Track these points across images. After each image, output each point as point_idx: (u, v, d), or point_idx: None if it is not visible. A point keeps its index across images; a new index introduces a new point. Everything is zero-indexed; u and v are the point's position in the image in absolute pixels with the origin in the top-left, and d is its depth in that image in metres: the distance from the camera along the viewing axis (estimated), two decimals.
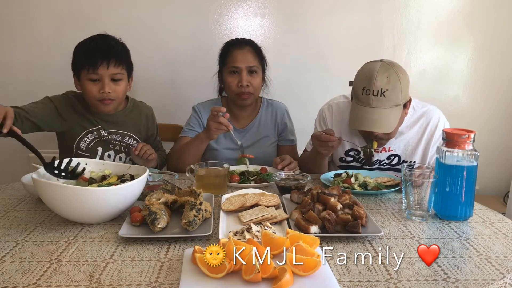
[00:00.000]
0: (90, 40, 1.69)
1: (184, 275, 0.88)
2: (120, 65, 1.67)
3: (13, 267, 0.94)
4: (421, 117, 1.70)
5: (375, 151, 1.69)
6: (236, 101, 1.88)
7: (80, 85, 1.70)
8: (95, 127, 1.77)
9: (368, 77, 1.53)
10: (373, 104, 1.51)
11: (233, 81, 1.82)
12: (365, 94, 1.52)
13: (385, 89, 1.50)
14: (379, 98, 1.50)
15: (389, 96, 1.50)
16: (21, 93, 2.35)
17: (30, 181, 1.27)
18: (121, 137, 1.81)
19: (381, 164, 1.75)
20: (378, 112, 1.51)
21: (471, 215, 1.25)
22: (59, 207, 1.15)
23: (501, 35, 2.48)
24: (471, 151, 1.21)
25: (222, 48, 1.91)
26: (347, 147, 1.77)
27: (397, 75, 1.52)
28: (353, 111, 1.59)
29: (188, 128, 1.91)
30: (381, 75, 1.51)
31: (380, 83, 1.50)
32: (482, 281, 0.90)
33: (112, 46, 1.67)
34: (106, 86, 1.65)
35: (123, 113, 1.83)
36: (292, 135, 1.99)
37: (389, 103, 1.51)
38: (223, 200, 1.31)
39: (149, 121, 1.93)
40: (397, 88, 1.51)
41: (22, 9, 2.31)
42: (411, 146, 1.70)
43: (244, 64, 1.80)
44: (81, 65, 1.64)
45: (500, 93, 2.56)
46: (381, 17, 2.41)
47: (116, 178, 1.32)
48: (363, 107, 1.54)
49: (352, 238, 1.09)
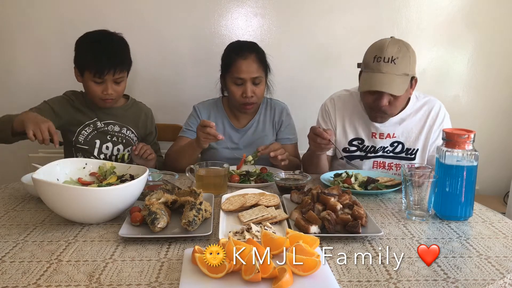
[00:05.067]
0: (97, 42, 1.72)
1: (184, 275, 0.88)
2: (123, 70, 1.74)
3: (13, 267, 0.94)
4: (424, 105, 1.74)
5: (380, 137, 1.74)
6: (239, 109, 1.89)
7: (83, 82, 1.76)
8: (91, 120, 1.83)
9: (380, 47, 1.59)
10: (383, 70, 1.56)
11: (237, 91, 1.81)
12: (376, 61, 1.57)
13: (396, 57, 1.55)
14: (389, 64, 1.55)
15: (399, 64, 1.55)
16: (24, 92, 2.37)
17: (30, 181, 1.27)
18: (119, 128, 1.87)
19: (385, 151, 1.75)
20: (388, 76, 1.55)
21: (471, 215, 1.25)
22: (59, 207, 1.15)
23: (501, 35, 2.48)
24: (471, 151, 1.21)
25: (226, 54, 1.87)
26: (350, 136, 1.78)
27: (407, 48, 1.59)
28: (364, 77, 1.62)
29: (187, 128, 1.91)
30: (392, 45, 1.57)
31: (391, 51, 1.56)
32: (482, 281, 0.90)
33: (118, 54, 1.73)
34: (109, 89, 1.73)
35: (122, 108, 1.89)
36: (291, 133, 1.98)
37: (399, 70, 1.56)
38: (223, 200, 1.31)
39: (148, 119, 1.96)
40: (406, 57, 1.57)
41: (23, 9, 2.31)
42: (414, 133, 1.72)
43: (249, 75, 1.78)
44: (86, 66, 1.70)
45: (500, 93, 2.56)
46: (381, 17, 2.41)
47: (116, 178, 1.32)
48: (373, 73, 1.58)
49: (352, 238, 1.09)
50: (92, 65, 1.68)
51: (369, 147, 1.76)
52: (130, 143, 1.88)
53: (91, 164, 1.37)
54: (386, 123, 1.73)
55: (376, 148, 1.76)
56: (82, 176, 1.34)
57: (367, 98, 1.65)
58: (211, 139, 1.63)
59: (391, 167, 1.75)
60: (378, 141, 1.75)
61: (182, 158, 1.75)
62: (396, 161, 1.74)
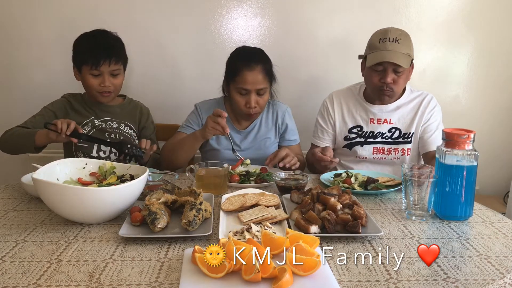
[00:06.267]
0: (92, 37, 1.80)
1: (184, 275, 0.88)
2: (119, 61, 1.81)
3: (13, 267, 0.94)
4: (417, 96, 1.90)
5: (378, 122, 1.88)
6: (242, 116, 1.89)
7: (81, 77, 1.82)
8: (88, 119, 1.87)
9: (384, 31, 1.77)
10: (389, 48, 1.71)
11: (241, 101, 1.80)
12: (382, 42, 1.74)
13: (399, 38, 1.73)
14: (394, 43, 1.72)
15: (402, 44, 1.72)
16: (24, 92, 2.37)
17: (30, 181, 1.27)
18: (117, 124, 1.90)
19: (383, 137, 1.87)
20: (394, 53, 1.71)
21: (471, 215, 1.25)
22: (59, 207, 1.15)
23: (501, 35, 2.47)
24: (471, 151, 1.21)
25: (232, 61, 1.84)
26: (350, 125, 1.91)
27: (407, 34, 1.77)
28: (370, 56, 1.75)
29: (186, 124, 1.91)
30: (394, 30, 1.76)
31: (394, 33, 1.74)
32: (482, 281, 0.90)
33: (112, 46, 1.80)
34: (106, 81, 1.79)
35: (119, 106, 1.94)
36: (294, 135, 1.99)
37: (403, 49, 1.72)
38: (223, 200, 1.31)
39: (144, 116, 1.99)
40: (408, 40, 1.76)
41: (24, 10, 2.31)
42: (408, 118, 1.86)
43: (254, 87, 1.76)
44: (83, 60, 1.77)
45: (500, 93, 2.55)
46: (381, 17, 2.41)
47: (116, 178, 1.32)
48: (380, 51, 1.73)
49: (352, 238, 1.09)
50: (88, 57, 1.75)
51: (368, 133, 1.89)
52: (128, 139, 1.89)
53: (91, 164, 1.37)
54: (384, 109, 1.86)
55: (375, 133, 1.88)
56: (82, 176, 1.34)
57: (373, 77, 1.77)
58: (218, 131, 1.63)
59: (390, 152, 1.88)
60: (376, 126, 1.88)
61: (181, 150, 1.76)
62: (394, 146, 1.87)
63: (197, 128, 1.86)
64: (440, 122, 1.85)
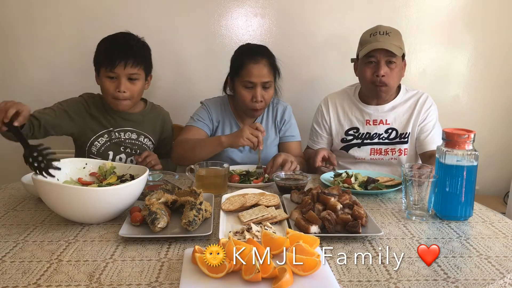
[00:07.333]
0: (112, 38, 1.71)
1: (184, 275, 0.88)
2: (138, 65, 1.69)
3: (13, 267, 0.94)
4: (413, 96, 1.90)
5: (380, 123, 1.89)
6: (247, 113, 1.88)
7: (100, 81, 1.72)
8: (106, 129, 1.77)
9: (373, 28, 1.81)
10: (380, 40, 1.75)
11: (247, 95, 1.80)
12: (373, 35, 1.78)
13: (389, 32, 1.77)
14: (385, 36, 1.76)
15: (393, 37, 1.76)
16: (26, 92, 2.36)
17: (30, 181, 1.27)
18: (136, 135, 1.82)
19: (381, 138, 1.87)
20: (385, 43, 1.74)
21: (471, 215, 1.25)
22: (59, 207, 1.15)
23: (501, 35, 2.47)
24: (471, 151, 1.21)
25: (237, 57, 1.85)
26: (346, 127, 1.92)
27: (397, 30, 1.81)
28: (363, 50, 1.78)
29: (197, 118, 1.88)
30: (384, 26, 1.80)
31: (384, 28, 1.78)
32: (482, 281, 0.90)
33: (131, 46, 1.69)
34: (122, 85, 1.67)
35: (141, 113, 1.85)
36: (294, 131, 1.99)
37: (394, 41, 1.75)
38: (223, 200, 1.31)
39: (165, 124, 1.93)
40: (398, 35, 1.80)
41: (26, 9, 2.31)
42: (404, 118, 1.87)
43: (260, 80, 1.77)
44: (100, 61, 1.68)
45: (500, 93, 2.55)
46: (381, 17, 2.40)
47: (116, 178, 1.32)
48: (371, 43, 1.76)
49: (352, 238, 1.09)
50: (104, 57, 1.66)
51: (365, 134, 1.89)
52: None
53: (91, 164, 1.37)
54: (379, 109, 1.87)
55: (372, 134, 1.88)
56: (82, 176, 1.34)
57: (367, 72, 1.79)
58: (252, 142, 1.59)
59: (387, 152, 1.88)
60: (372, 127, 1.88)
61: (200, 150, 1.70)
62: (391, 146, 1.87)
63: (208, 122, 1.87)
64: (436, 121, 1.85)
